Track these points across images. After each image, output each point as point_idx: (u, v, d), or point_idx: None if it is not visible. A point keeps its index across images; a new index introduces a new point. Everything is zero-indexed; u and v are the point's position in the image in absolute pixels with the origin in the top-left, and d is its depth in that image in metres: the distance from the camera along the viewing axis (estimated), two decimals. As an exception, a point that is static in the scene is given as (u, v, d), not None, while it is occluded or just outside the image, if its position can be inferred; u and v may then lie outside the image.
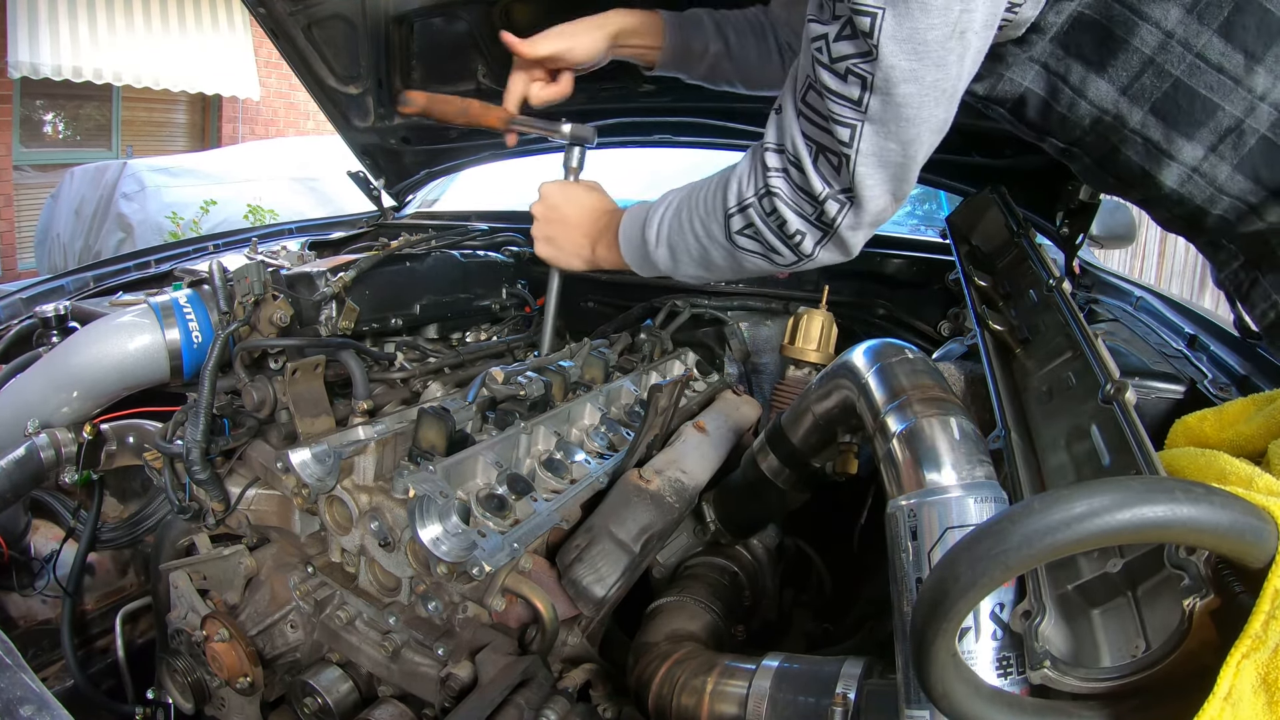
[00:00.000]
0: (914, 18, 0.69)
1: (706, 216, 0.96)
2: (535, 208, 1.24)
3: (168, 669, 1.14)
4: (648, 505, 1.13)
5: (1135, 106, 0.80)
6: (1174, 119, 0.79)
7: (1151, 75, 0.78)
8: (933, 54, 0.71)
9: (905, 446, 0.84)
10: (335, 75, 2.02)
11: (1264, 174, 0.78)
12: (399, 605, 1.04)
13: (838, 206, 0.84)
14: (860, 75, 0.74)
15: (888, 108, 0.75)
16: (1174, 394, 0.99)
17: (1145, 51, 0.77)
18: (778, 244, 0.90)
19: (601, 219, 1.17)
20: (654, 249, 1.04)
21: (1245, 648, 0.50)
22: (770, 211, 0.88)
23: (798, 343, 1.68)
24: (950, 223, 1.47)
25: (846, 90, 0.76)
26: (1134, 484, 0.48)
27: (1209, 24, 0.75)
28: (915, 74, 0.72)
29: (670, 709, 0.95)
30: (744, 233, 0.92)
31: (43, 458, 1.20)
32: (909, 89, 0.73)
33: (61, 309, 1.45)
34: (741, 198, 0.90)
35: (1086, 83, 0.82)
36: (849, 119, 0.77)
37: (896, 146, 0.78)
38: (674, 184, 1.06)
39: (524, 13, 1.72)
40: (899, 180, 0.82)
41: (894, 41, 0.71)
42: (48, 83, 6.40)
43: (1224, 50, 0.75)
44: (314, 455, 1.03)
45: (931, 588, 0.51)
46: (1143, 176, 0.84)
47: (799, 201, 0.86)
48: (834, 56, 0.75)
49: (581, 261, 1.21)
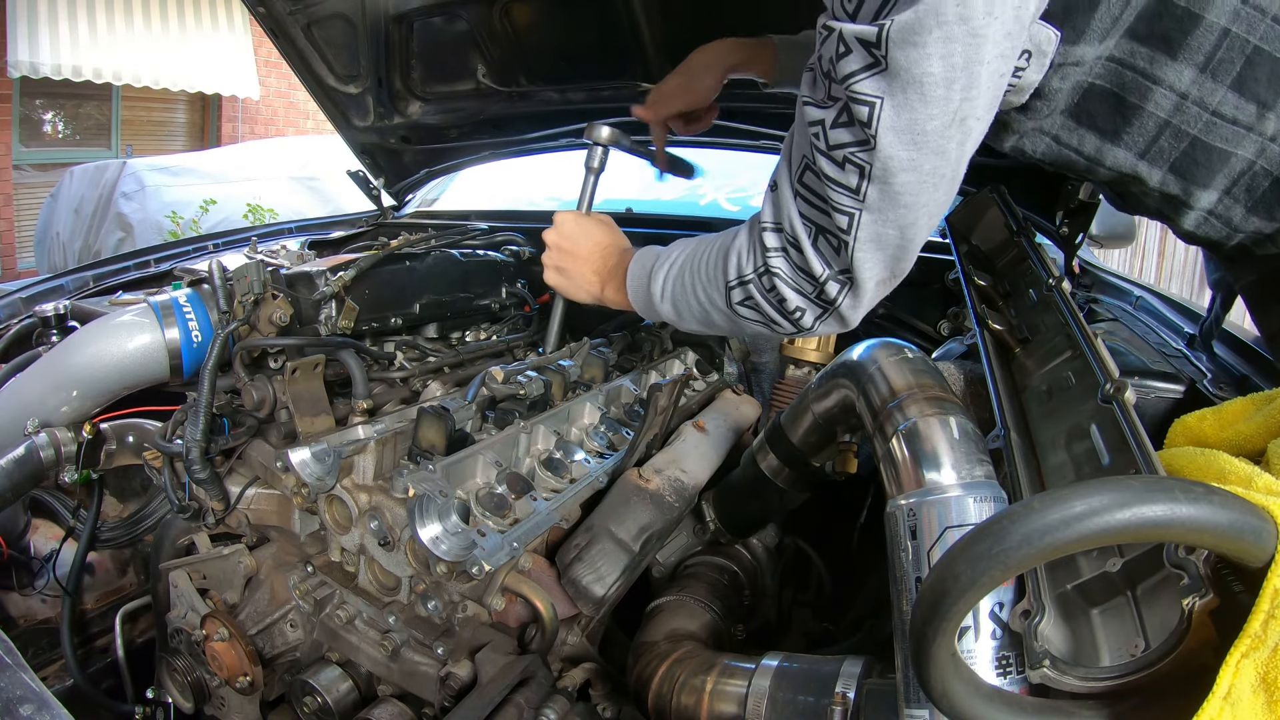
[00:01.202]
0: (913, 108, 0.67)
1: (708, 284, 0.95)
2: (548, 235, 1.24)
3: (167, 668, 1.14)
4: (647, 505, 1.13)
5: (1154, 168, 0.80)
6: (1192, 174, 0.79)
7: (1169, 137, 0.78)
8: (932, 143, 0.70)
9: (905, 446, 0.84)
10: (335, 75, 2.02)
11: (1277, 212, 0.79)
12: (398, 604, 1.04)
13: (838, 287, 0.83)
14: (858, 164, 0.72)
15: (885, 196, 0.74)
16: (1173, 394, 0.99)
17: (1161, 115, 0.77)
18: (777, 318, 0.89)
19: (612, 258, 1.17)
20: (659, 303, 1.04)
21: (1244, 647, 0.50)
22: (770, 289, 0.87)
23: (797, 342, 1.67)
24: (950, 222, 1.47)
25: (844, 178, 0.74)
26: (1133, 483, 0.48)
27: (1222, 80, 0.74)
28: (914, 163, 0.71)
29: (670, 708, 0.95)
30: (744, 304, 0.91)
31: (42, 457, 1.20)
32: (908, 177, 0.72)
33: (61, 308, 1.45)
34: (741, 273, 0.89)
35: (1102, 151, 0.82)
36: (847, 207, 0.76)
37: (895, 231, 0.77)
38: (675, 184, 1.05)
39: (524, 13, 1.72)
40: (896, 260, 0.81)
41: (892, 132, 0.69)
42: (47, 82, 6.39)
43: (1238, 104, 0.75)
44: (314, 454, 1.03)
45: (931, 587, 0.51)
46: (1160, 217, 0.86)
47: (799, 281, 0.85)
48: (831, 144, 0.73)
49: (589, 297, 1.21)
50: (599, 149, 1.39)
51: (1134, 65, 0.76)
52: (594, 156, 1.40)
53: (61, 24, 6.35)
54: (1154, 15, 0.74)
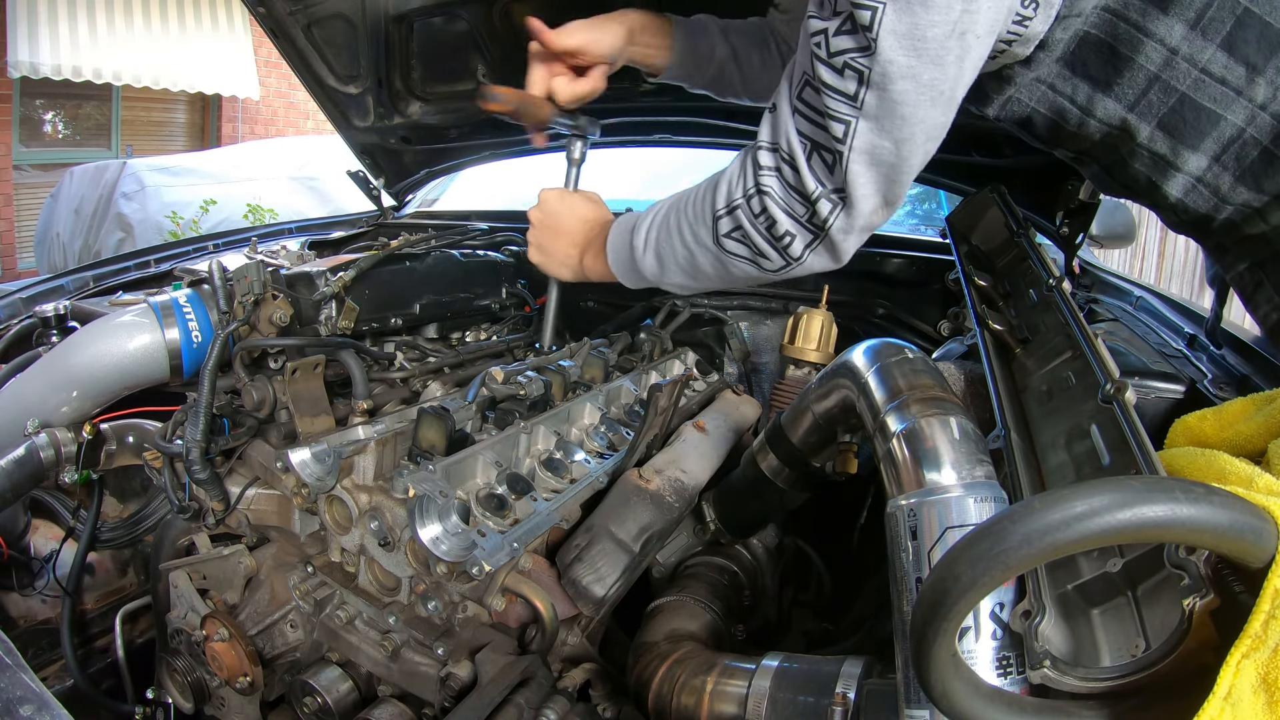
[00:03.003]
0: (914, 13, 0.69)
1: (695, 220, 0.94)
2: (532, 213, 1.23)
3: (167, 668, 1.14)
4: (647, 505, 1.13)
5: (1143, 122, 0.81)
6: (1180, 132, 0.80)
7: (1158, 91, 0.78)
8: (931, 51, 0.71)
9: (905, 446, 0.84)
10: (335, 75, 2.02)
11: (1266, 184, 0.79)
12: (399, 605, 1.04)
13: (830, 206, 0.83)
14: (857, 69, 0.73)
15: (883, 104, 0.74)
16: (1174, 394, 0.99)
17: (1151, 68, 0.78)
18: (765, 247, 0.89)
19: (593, 230, 1.16)
20: (641, 256, 1.02)
21: (1245, 647, 0.50)
22: (760, 212, 0.87)
23: (797, 342, 1.67)
24: (950, 222, 1.47)
25: (843, 85, 0.75)
26: (1134, 484, 0.48)
27: (1212, 39, 0.75)
28: (913, 70, 0.72)
29: (670, 708, 0.95)
30: (732, 235, 0.90)
31: (42, 457, 1.20)
32: (905, 85, 0.73)
33: (61, 309, 1.45)
34: (730, 199, 0.89)
35: (1094, 101, 0.82)
36: (844, 114, 0.76)
37: (890, 145, 0.77)
38: (674, 184, 1.05)
39: (524, 13, 1.71)
40: (890, 181, 0.81)
41: (893, 36, 0.70)
42: (47, 82, 6.39)
43: (1227, 63, 0.75)
44: (314, 455, 1.03)
45: (931, 587, 0.51)
46: (1149, 186, 0.85)
47: (790, 201, 0.85)
48: (832, 51, 0.75)
49: (569, 271, 1.20)
50: (578, 142, 1.37)
51: (1127, 16, 0.77)
52: (575, 148, 1.39)
53: (61, 24, 6.35)
54: None
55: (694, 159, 2.46)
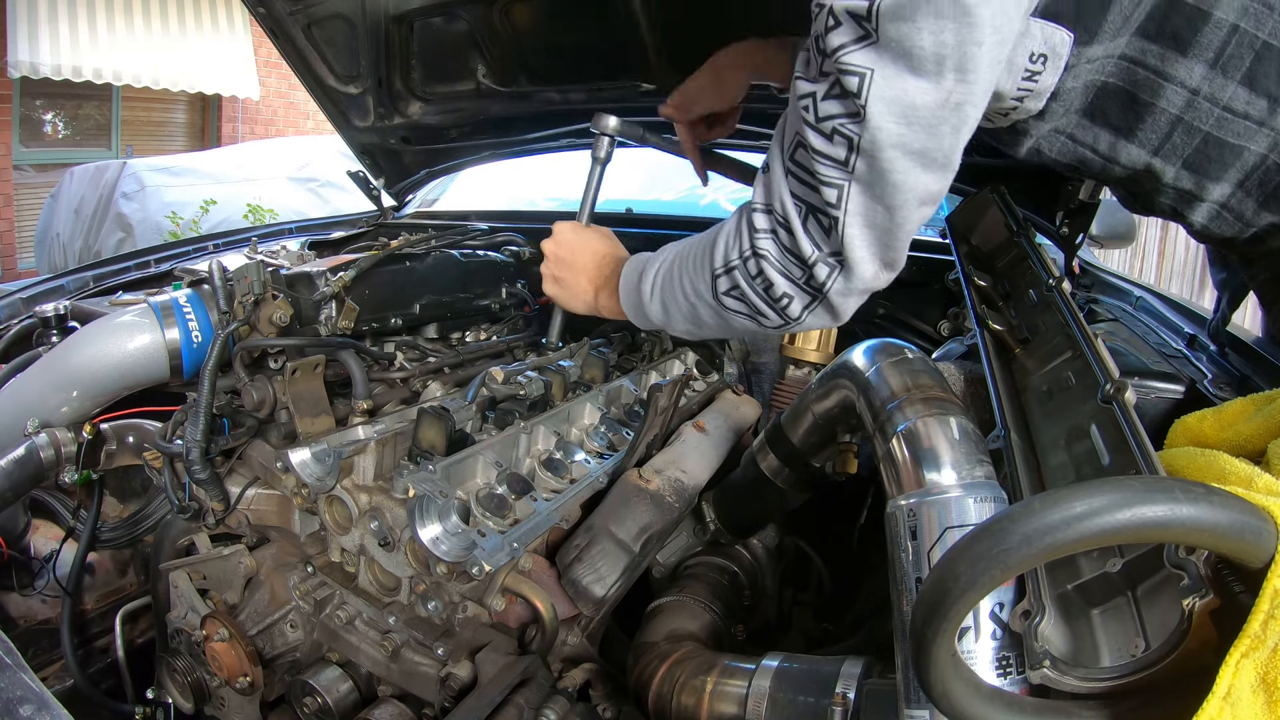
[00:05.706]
0: (904, 81, 0.66)
1: (695, 275, 0.93)
2: (546, 245, 1.23)
3: (167, 669, 1.14)
4: (647, 505, 1.13)
5: (1168, 164, 0.81)
6: (1204, 169, 0.80)
7: (1181, 133, 0.78)
8: (923, 120, 0.68)
9: (905, 446, 0.84)
10: (335, 75, 2.02)
11: None
12: (399, 605, 1.04)
13: (828, 270, 0.80)
14: (847, 136, 0.71)
15: (874, 171, 0.72)
16: (1174, 394, 0.99)
17: (1173, 111, 0.78)
18: (763, 307, 0.87)
19: (607, 267, 1.15)
20: (648, 303, 1.02)
21: (1244, 647, 0.50)
22: (756, 274, 0.84)
23: (797, 342, 1.67)
24: (950, 222, 1.47)
25: (833, 151, 0.72)
26: (1134, 484, 0.48)
27: (1232, 76, 0.75)
28: (903, 139, 0.69)
29: (670, 708, 0.95)
30: (730, 294, 0.89)
31: (42, 457, 1.20)
32: (895, 155, 0.70)
33: (61, 309, 1.45)
34: (728, 260, 0.87)
35: (1116, 149, 0.82)
36: (835, 180, 0.74)
37: (883, 210, 0.75)
38: (674, 184, 1.05)
39: (524, 13, 1.72)
40: (886, 245, 0.78)
41: (882, 103, 0.68)
42: (47, 82, 6.38)
43: (1249, 99, 0.75)
44: (314, 455, 1.03)
45: (931, 587, 0.51)
46: (1174, 215, 0.87)
47: (787, 264, 0.82)
48: (821, 116, 0.72)
49: (584, 306, 1.20)
50: (605, 139, 1.37)
51: (1145, 63, 0.76)
52: (600, 147, 1.38)
53: (61, 24, 6.35)
54: (1164, 13, 0.74)
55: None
